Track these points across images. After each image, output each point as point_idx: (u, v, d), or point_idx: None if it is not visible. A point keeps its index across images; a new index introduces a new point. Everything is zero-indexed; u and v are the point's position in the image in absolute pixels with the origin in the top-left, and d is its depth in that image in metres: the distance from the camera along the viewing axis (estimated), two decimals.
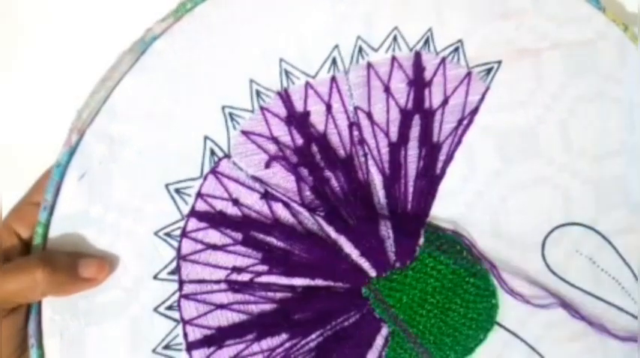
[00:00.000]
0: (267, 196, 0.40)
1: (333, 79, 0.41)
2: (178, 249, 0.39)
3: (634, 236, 0.42)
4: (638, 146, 0.42)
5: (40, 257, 0.37)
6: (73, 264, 0.37)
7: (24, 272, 0.36)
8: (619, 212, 0.42)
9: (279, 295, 0.40)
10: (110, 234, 0.39)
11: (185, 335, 0.39)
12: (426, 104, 0.41)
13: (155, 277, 0.39)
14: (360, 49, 0.41)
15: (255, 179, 0.40)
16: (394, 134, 0.41)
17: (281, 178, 0.40)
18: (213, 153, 0.40)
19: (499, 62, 0.41)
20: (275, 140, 0.40)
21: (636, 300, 0.42)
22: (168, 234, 0.39)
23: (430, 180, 0.41)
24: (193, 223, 0.40)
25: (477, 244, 0.41)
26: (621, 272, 0.42)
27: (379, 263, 0.40)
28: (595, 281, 0.42)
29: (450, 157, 0.41)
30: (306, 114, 0.40)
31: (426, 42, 0.41)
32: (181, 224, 0.40)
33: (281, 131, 0.40)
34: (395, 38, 0.41)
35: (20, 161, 0.43)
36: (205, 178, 0.40)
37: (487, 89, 0.41)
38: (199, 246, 0.39)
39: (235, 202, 0.40)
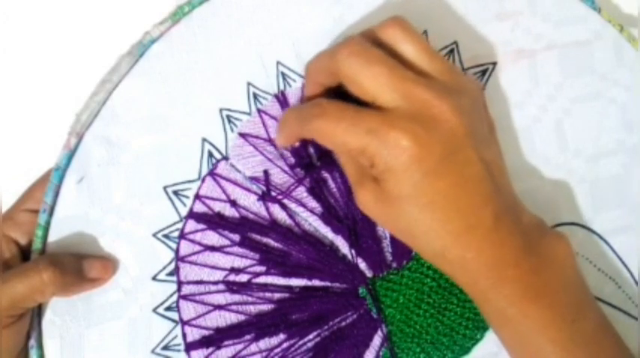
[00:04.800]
0: (264, 198, 0.40)
1: None
2: (177, 251, 0.40)
3: (630, 235, 0.42)
4: (635, 146, 0.42)
5: (48, 258, 0.37)
6: (79, 265, 0.38)
7: (33, 274, 0.36)
8: (615, 211, 0.42)
9: (276, 295, 0.40)
10: (109, 236, 0.39)
11: (184, 335, 0.40)
12: None
13: (154, 278, 0.40)
14: None
15: (253, 180, 0.40)
16: None
17: (278, 180, 0.40)
18: (211, 155, 0.40)
19: (494, 63, 0.42)
20: (272, 142, 0.40)
21: (634, 300, 0.42)
22: (166, 236, 0.40)
23: None
24: (191, 225, 0.40)
25: None
26: (618, 272, 0.42)
27: (376, 263, 0.40)
28: (592, 280, 0.42)
29: None
30: None
31: None
32: (180, 225, 0.40)
33: None
34: None
35: (19, 164, 0.43)
36: (203, 180, 0.40)
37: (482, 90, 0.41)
38: (197, 248, 0.40)
39: (233, 204, 0.40)
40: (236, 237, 0.40)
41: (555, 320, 0.35)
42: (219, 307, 0.40)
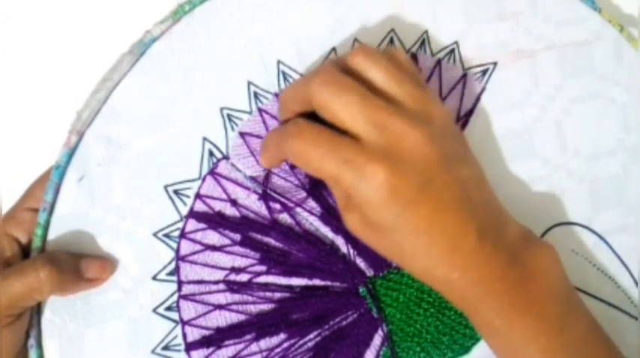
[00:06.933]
0: (265, 197, 0.40)
1: None
2: (177, 250, 0.40)
3: (630, 235, 0.42)
4: (634, 146, 0.42)
5: (45, 256, 0.37)
6: (76, 264, 0.38)
7: (30, 272, 0.36)
8: (614, 211, 0.42)
9: (277, 295, 0.40)
10: (109, 236, 0.39)
11: (184, 335, 0.40)
12: None
13: (154, 278, 0.40)
14: None
15: (254, 180, 0.40)
16: None
17: (279, 179, 0.40)
18: (211, 154, 0.40)
19: (495, 63, 0.42)
20: None
21: (634, 300, 0.42)
22: (167, 235, 0.40)
23: None
24: (192, 224, 0.40)
25: None
26: (618, 272, 0.42)
27: (376, 262, 0.40)
28: (591, 280, 0.42)
29: None
30: None
31: (422, 44, 0.41)
32: (180, 225, 0.40)
33: None
34: (391, 40, 0.41)
35: (20, 162, 0.43)
36: (204, 179, 0.40)
37: (483, 90, 0.42)
38: (198, 247, 0.40)
39: (234, 203, 0.40)
40: (237, 237, 0.40)
41: (543, 330, 0.35)
42: (220, 307, 0.40)
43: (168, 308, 0.39)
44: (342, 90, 0.34)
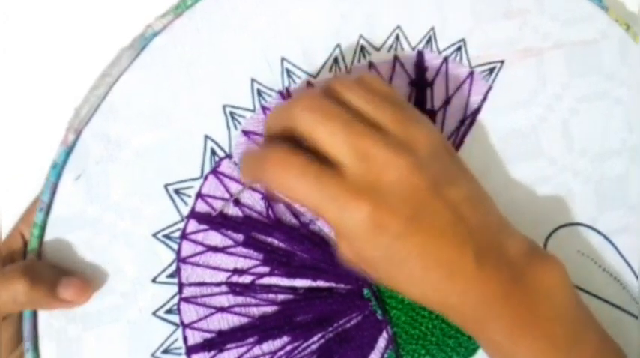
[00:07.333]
0: (268, 196, 0.39)
1: None
2: (178, 252, 0.39)
3: (631, 235, 0.42)
4: (634, 146, 0.42)
5: (22, 268, 0.36)
6: (55, 281, 0.36)
7: (6, 280, 0.35)
8: (618, 211, 0.42)
9: (280, 297, 0.39)
10: (107, 236, 0.38)
11: (185, 338, 0.39)
12: (428, 104, 0.41)
13: (154, 280, 0.38)
14: (362, 49, 0.40)
15: None
16: None
17: None
18: (214, 152, 0.39)
19: (502, 62, 0.41)
20: None
21: (637, 300, 0.42)
22: (167, 236, 0.39)
23: None
24: (193, 225, 0.39)
25: None
26: (623, 272, 0.42)
27: None
28: (596, 281, 0.42)
29: None
30: None
31: (429, 41, 0.41)
32: (181, 225, 0.39)
33: None
34: (397, 37, 0.40)
35: (16, 161, 0.42)
36: (206, 178, 0.39)
37: (489, 89, 0.41)
38: (200, 248, 0.39)
39: (236, 203, 0.39)
40: (239, 237, 0.39)
41: (551, 347, 0.34)
42: (222, 309, 0.39)
43: (169, 311, 0.38)
44: (325, 117, 0.33)
